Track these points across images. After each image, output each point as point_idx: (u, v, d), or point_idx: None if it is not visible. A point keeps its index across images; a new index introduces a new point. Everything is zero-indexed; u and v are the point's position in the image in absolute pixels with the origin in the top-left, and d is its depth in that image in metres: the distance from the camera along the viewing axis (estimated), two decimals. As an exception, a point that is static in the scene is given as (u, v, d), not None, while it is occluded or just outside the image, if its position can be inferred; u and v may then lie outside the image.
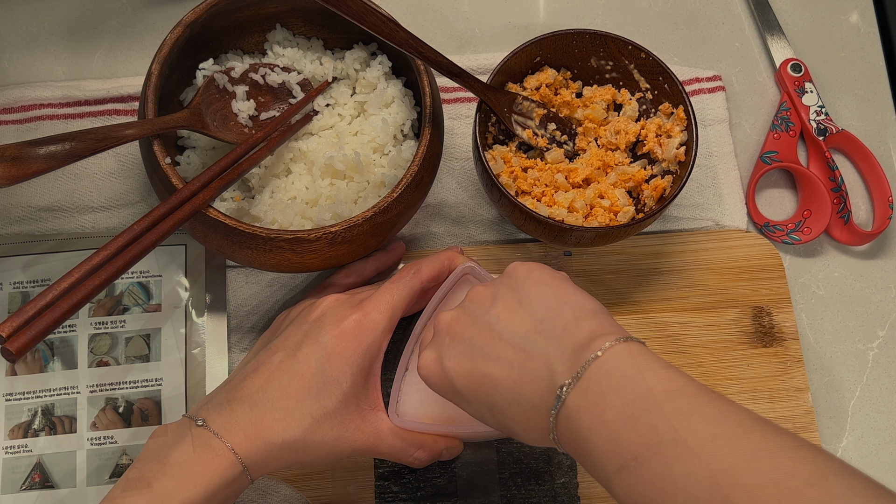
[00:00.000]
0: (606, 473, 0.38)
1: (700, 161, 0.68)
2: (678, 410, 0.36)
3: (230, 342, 0.62)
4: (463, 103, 0.69)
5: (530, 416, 0.41)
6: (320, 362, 0.48)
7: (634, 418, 0.37)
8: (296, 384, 0.48)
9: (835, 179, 0.67)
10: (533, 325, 0.42)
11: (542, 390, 0.40)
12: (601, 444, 0.38)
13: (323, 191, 0.59)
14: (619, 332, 0.40)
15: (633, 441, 0.36)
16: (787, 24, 0.74)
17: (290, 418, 0.48)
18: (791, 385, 0.62)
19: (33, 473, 0.57)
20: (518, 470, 0.59)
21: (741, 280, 0.65)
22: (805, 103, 0.70)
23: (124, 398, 0.58)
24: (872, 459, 0.62)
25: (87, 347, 0.59)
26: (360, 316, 0.50)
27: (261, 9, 0.62)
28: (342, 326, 0.50)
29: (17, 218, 0.64)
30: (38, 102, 0.67)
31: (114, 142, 0.53)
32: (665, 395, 0.37)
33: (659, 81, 0.61)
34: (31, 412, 0.58)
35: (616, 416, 0.37)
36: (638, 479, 0.36)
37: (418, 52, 0.55)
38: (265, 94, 0.62)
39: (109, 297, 0.60)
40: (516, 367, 0.42)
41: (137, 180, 0.65)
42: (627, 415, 0.37)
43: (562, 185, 0.60)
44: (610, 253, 0.65)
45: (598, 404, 0.38)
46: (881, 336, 0.65)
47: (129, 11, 0.71)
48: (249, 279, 0.63)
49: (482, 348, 0.43)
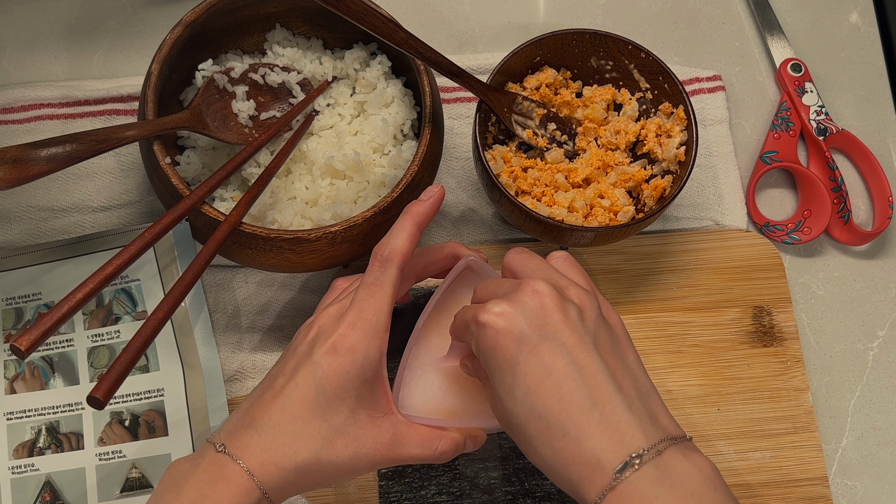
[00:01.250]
0: None
1: (700, 161, 0.68)
2: None
3: (233, 343, 0.62)
4: (463, 103, 0.69)
5: (585, 462, 0.41)
6: (318, 382, 0.46)
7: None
8: (299, 407, 0.46)
9: (835, 179, 0.67)
10: (632, 390, 0.43)
11: (614, 448, 0.41)
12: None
13: (323, 191, 0.59)
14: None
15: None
16: (787, 24, 0.74)
17: (299, 441, 0.46)
18: (791, 385, 0.62)
19: (43, 493, 0.56)
20: (521, 466, 0.59)
21: (741, 280, 0.65)
22: (805, 103, 0.70)
23: (129, 411, 0.58)
24: (872, 459, 0.62)
25: (87, 361, 0.59)
26: (347, 327, 0.47)
27: (261, 9, 0.62)
28: (333, 341, 0.47)
29: (17, 218, 0.64)
30: (37, 102, 0.66)
31: (114, 143, 0.53)
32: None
33: (659, 81, 0.61)
34: (35, 430, 0.57)
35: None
36: None
37: (418, 53, 0.55)
38: (265, 94, 0.62)
39: (101, 308, 0.59)
40: (598, 410, 0.42)
41: (137, 180, 0.65)
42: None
43: (562, 185, 0.60)
44: (610, 253, 0.65)
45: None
46: (881, 336, 0.65)
47: (129, 11, 0.71)
48: (249, 279, 0.63)
49: (576, 363, 0.43)
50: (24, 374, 0.58)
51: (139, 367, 0.58)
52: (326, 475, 0.47)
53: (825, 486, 0.60)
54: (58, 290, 0.60)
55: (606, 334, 0.45)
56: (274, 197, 0.60)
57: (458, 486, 0.58)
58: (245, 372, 0.61)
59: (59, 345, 0.59)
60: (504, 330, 0.44)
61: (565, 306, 0.44)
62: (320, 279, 0.64)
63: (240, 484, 0.44)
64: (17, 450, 0.57)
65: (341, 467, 0.47)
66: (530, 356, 0.43)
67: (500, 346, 0.44)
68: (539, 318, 0.43)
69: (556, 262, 0.49)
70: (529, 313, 0.44)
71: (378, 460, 0.48)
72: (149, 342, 0.48)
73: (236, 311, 0.63)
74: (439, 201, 0.51)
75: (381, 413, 0.48)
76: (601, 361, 0.43)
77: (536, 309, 0.44)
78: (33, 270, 0.60)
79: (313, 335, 0.49)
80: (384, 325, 0.48)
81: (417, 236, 0.50)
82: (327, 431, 0.46)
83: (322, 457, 0.46)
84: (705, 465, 0.41)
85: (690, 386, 0.62)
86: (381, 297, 0.48)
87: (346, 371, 0.46)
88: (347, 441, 0.47)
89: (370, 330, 0.47)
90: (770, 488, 0.60)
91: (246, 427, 0.47)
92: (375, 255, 0.49)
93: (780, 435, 0.61)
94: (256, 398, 0.48)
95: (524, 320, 0.43)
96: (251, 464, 0.45)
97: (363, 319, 0.47)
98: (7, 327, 0.59)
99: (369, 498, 0.58)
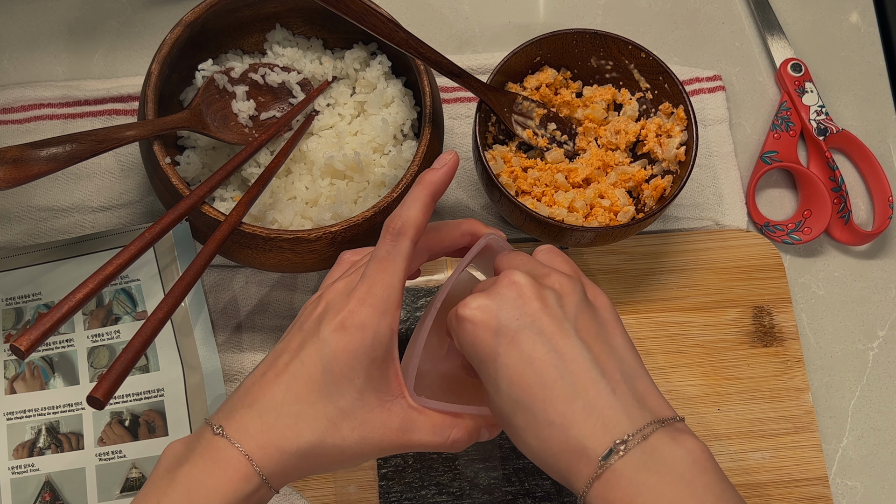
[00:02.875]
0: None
1: (700, 161, 0.68)
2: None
3: (233, 343, 0.62)
4: (463, 103, 0.69)
5: (572, 450, 0.41)
6: (325, 361, 0.44)
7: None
8: (304, 387, 0.44)
9: (835, 179, 0.67)
10: (617, 374, 0.42)
11: (598, 434, 0.40)
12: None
13: (323, 191, 0.59)
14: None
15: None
16: (787, 24, 0.74)
17: (303, 423, 0.43)
18: (791, 385, 0.62)
19: (43, 493, 0.56)
20: (522, 466, 0.59)
21: (741, 280, 0.65)
22: (805, 103, 0.70)
23: (129, 411, 0.57)
24: (872, 459, 0.62)
25: (87, 362, 0.59)
26: (356, 303, 0.44)
27: (261, 9, 0.62)
28: (341, 318, 0.44)
29: (17, 218, 0.64)
30: (37, 102, 0.66)
31: (114, 143, 0.53)
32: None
33: (659, 81, 0.61)
34: (35, 430, 0.57)
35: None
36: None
37: (418, 53, 0.55)
38: (265, 93, 0.62)
39: (101, 308, 0.60)
40: (581, 397, 0.41)
41: (137, 180, 0.65)
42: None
43: (562, 185, 0.60)
44: (610, 253, 0.65)
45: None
46: (881, 336, 0.65)
47: (129, 11, 0.71)
48: (249, 279, 0.63)
49: (556, 350, 0.42)
50: (24, 374, 0.58)
51: (139, 367, 0.58)
52: (331, 460, 0.45)
53: (825, 486, 0.60)
54: (58, 290, 0.60)
55: (590, 317, 0.44)
56: (274, 197, 0.59)
57: (458, 486, 0.58)
58: (245, 372, 0.61)
59: (59, 345, 0.59)
60: (482, 323, 0.43)
61: (543, 293, 0.43)
62: (320, 279, 0.64)
63: (238, 469, 0.42)
64: (17, 450, 0.57)
65: (346, 452, 0.45)
66: (510, 347, 0.42)
67: (480, 339, 0.43)
68: (516, 308, 0.43)
69: (541, 255, 0.48)
70: (506, 304, 0.43)
71: (386, 446, 0.45)
72: (149, 342, 0.48)
73: (236, 311, 0.63)
74: (454, 169, 0.48)
75: (391, 396, 0.45)
76: (583, 346, 0.42)
77: (513, 299, 0.43)
78: (33, 270, 0.60)
79: (321, 311, 0.46)
80: (396, 301, 0.45)
81: (431, 207, 0.47)
82: (333, 413, 0.44)
83: (327, 440, 0.44)
84: (694, 447, 0.40)
85: (690, 386, 0.62)
86: (393, 272, 0.45)
87: (354, 350, 0.44)
88: (354, 424, 0.44)
89: (381, 306, 0.44)
90: (770, 488, 0.60)
91: (246, 407, 0.44)
92: (387, 228, 0.46)
93: (781, 435, 0.61)
94: (259, 376, 0.45)
95: (501, 311, 0.43)
96: (250, 447, 0.43)
97: (374, 295, 0.44)
98: (7, 327, 0.59)
99: (369, 498, 0.58)
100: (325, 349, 0.44)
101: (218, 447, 0.43)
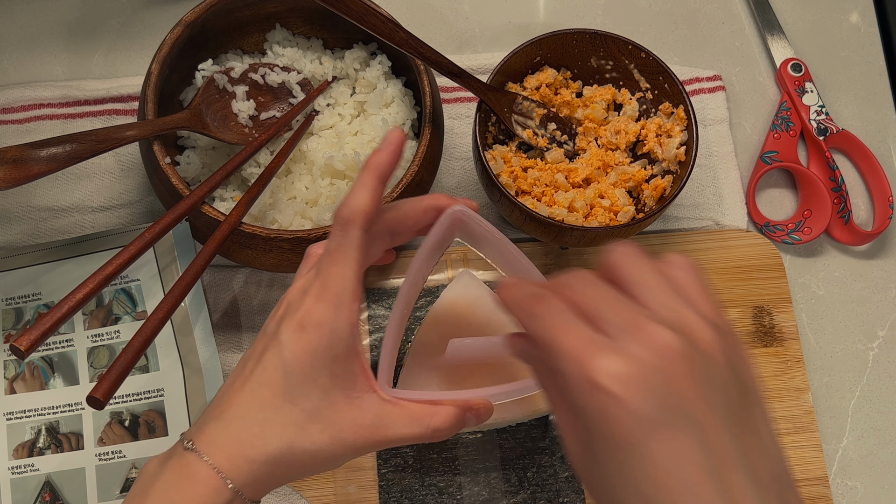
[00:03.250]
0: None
1: (700, 161, 0.68)
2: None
3: (233, 343, 0.62)
4: (463, 103, 0.69)
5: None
6: (285, 363, 0.42)
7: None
8: (267, 393, 0.42)
9: (835, 179, 0.67)
10: (768, 478, 0.35)
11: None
12: None
13: (323, 191, 0.59)
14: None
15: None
16: (787, 24, 0.74)
17: (269, 430, 0.42)
18: (791, 385, 0.62)
19: (43, 493, 0.56)
20: (522, 466, 0.59)
21: (741, 280, 0.65)
22: (805, 103, 0.70)
23: (129, 411, 0.57)
24: (872, 459, 0.62)
25: (87, 362, 0.59)
26: (312, 301, 0.42)
27: (261, 9, 0.62)
28: (299, 318, 0.42)
29: (17, 218, 0.64)
30: (37, 102, 0.67)
31: (114, 143, 0.53)
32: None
33: (659, 81, 0.61)
34: (35, 430, 0.57)
35: None
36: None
37: (418, 53, 0.55)
38: (265, 93, 0.63)
39: (101, 308, 0.59)
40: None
41: (137, 180, 0.65)
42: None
43: (562, 185, 0.60)
44: (610, 253, 0.65)
45: None
46: (881, 336, 0.65)
47: (129, 11, 0.71)
48: (249, 279, 0.63)
49: (709, 448, 0.34)
50: (24, 374, 0.58)
51: (139, 367, 0.58)
52: (304, 465, 0.43)
53: (825, 486, 0.60)
54: (58, 290, 0.60)
55: (736, 391, 0.36)
56: (274, 197, 0.60)
57: (458, 486, 0.58)
58: (245, 372, 0.61)
59: (59, 345, 0.59)
60: (623, 401, 0.33)
61: (694, 366, 0.34)
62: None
63: (207, 483, 0.41)
64: (16, 450, 0.57)
65: (319, 455, 0.43)
66: (658, 442, 0.34)
67: (616, 419, 0.34)
68: (665, 388, 0.34)
69: (677, 273, 0.38)
70: (653, 382, 0.34)
71: (360, 445, 0.43)
72: (149, 342, 0.48)
73: (236, 311, 0.63)
74: (400, 147, 0.46)
75: (359, 392, 0.43)
76: (734, 441, 0.34)
77: (661, 374, 0.34)
78: (33, 270, 0.60)
79: (281, 312, 0.44)
80: (350, 293, 0.43)
81: (380, 190, 0.44)
82: (299, 417, 0.42)
83: (296, 445, 0.42)
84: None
85: (690, 386, 0.62)
86: (345, 264, 0.43)
87: (313, 349, 0.42)
88: (323, 426, 0.42)
89: (335, 301, 0.42)
90: (770, 488, 0.60)
91: (214, 419, 0.43)
92: (336, 219, 0.44)
93: (781, 435, 0.61)
94: (227, 386, 0.44)
95: (647, 391, 0.34)
96: (218, 459, 0.41)
97: (328, 291, 0.42)
98: (7, 327, 0.59)
99: (369, 498, 0.58)
100: (284, 352, 0.42)
101: (188, 461, 0.42)
